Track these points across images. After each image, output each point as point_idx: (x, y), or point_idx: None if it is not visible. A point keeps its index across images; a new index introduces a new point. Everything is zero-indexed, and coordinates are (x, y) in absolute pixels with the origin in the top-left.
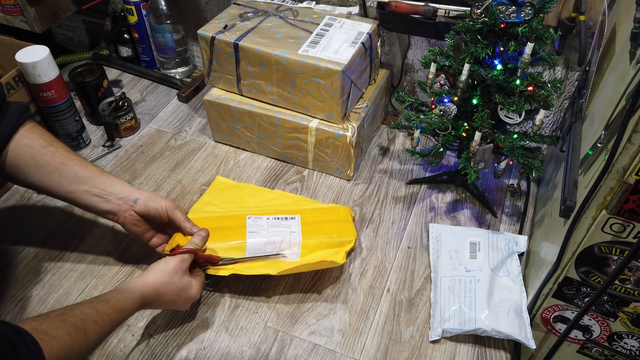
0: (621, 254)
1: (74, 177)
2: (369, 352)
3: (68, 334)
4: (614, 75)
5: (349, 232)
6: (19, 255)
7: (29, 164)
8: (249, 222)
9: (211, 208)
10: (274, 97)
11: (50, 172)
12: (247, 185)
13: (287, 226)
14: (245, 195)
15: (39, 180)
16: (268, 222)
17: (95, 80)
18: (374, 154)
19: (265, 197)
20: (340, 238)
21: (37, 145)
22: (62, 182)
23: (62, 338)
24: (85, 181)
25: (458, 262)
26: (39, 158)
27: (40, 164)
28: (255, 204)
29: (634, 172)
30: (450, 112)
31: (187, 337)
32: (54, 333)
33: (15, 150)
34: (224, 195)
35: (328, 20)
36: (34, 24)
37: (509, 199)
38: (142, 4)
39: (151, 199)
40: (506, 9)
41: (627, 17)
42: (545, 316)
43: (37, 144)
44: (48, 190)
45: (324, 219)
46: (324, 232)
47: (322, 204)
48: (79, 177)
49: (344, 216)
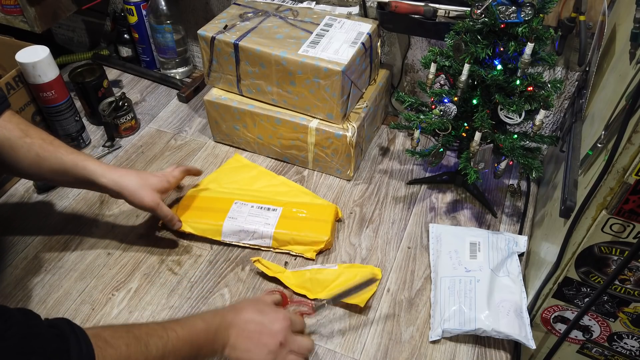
0: (621, 254)
1: (51, 171)
2: (369, 352)
3: (127, 345)
4: (614, 75)
5: (323, 232)
6: (19, 256)
7: (10, 156)
8: (234, 207)
9: (213, 186)
10: (274, 97)
11: (29, 165)
12: (257, 166)
13: (266, 217)
14: (252, 177)
15: (20, 171)
16: (251, 210)
17: (96, 81)
18: (374, 154)
19: (270, 182)
20: (312, 237)
21: (14, 136)
22: (44, 172)
23: (119, 348)
24: (64, 173)
25: (458, 262)
26: (18, 150)
27: (18, 156)
28: (257, 187)
29: (634, 172)
30: (450, 112)
31: None
32: (113, 342)
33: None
34: (232, 175)
35: (328, 20)
36: (34, 24)
37: (509, 199)
38: (142, 4)
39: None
40: (506, 9)
41: (627, 17)
42: (545, 316)
43: (14, 135)
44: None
45: (304, 215)
46: (297, 229)
47: (318, 198)
48: (56, 170)
49: (325, 216)
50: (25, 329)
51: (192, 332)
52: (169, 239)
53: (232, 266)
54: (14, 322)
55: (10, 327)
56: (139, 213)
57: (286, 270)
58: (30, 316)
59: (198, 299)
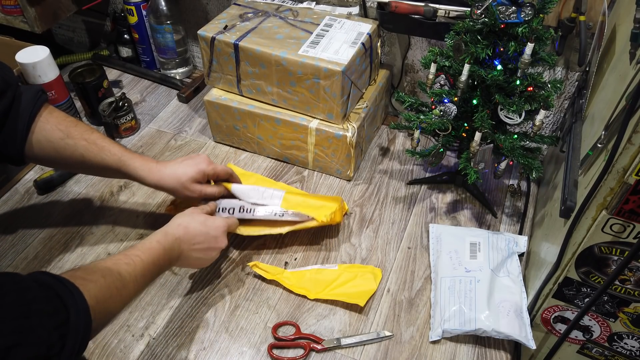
0: (621, 254)
1: (97, 169)
2: (369, 353)
3: (103, 277)
4: (614, 75)
5: (333, 201)
6: (19, 256)
7: (55, 157)
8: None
9: None
10: (274, 97)
11: (75, 164)
12: (254, 174)
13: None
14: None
15: (69, 168)
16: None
17: (96, 81)
18: (374, 154)
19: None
20: (324, 202)
21: (56, 138)
22: (89, 170)
23: (97, 281)
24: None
25: (458, 263)
26: (62, 152)
27: (63, 157)
28: None
29: (634, 172)
30: (450, 112)
31: (187, 338)
32: (90, 277)
33: (37, 144)
34: None
35: (328, 20)
36: (34, 24)
37: (509, 200)
38: (142, 5)
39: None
40: (506, 10)
41: (627, 18)
42: (545, 316)
43: (56, 136)
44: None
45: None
46: (307, 196)
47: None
48: (102, 169)
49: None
50: (16, 284)
51: (152, 254)
52: None
53: (232, 266)
54: (6, 290)
55: (4, 296)
56: (139, 213)
57: (285, 271)
58: (13, 275)
59: (198, 299)
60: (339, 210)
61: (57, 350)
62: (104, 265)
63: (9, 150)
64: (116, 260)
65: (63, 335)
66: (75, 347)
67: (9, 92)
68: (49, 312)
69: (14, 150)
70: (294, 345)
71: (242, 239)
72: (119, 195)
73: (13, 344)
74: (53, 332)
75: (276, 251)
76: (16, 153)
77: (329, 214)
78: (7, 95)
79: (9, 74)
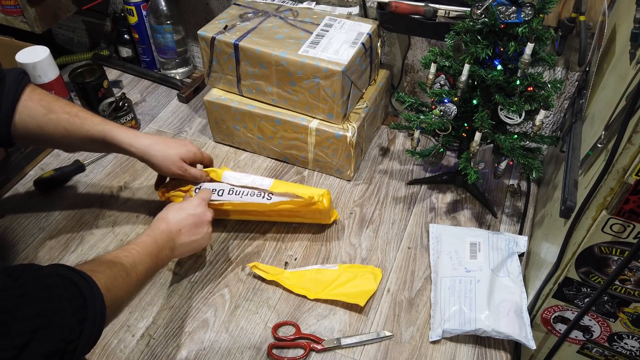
0: (621, 254)
1: (81, 141)
2: (369, 353)
3: (109, 268)
4: (614, 75)
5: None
6: (19, 256)
7: (39, 134)
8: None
9: None
10: (274, 97)
11: (59, 140)
12: None
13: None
14: None
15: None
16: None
17: (96, 81)
18: (374, 154)
19: None
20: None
21: (39, 114)
22: (73, 144)
23: (104, 271)
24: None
25: (458, 263)
26: (45, 128)
27: (47, 133)
28: None
29: (634, 172)
30: (450, 112)
31: (187, 338)
32: (97, 269)
33: (21, 122)
34: None
35: (328, 20)
36: (34, 24)
37: (509, 200)
38: (142, 5)
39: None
40: (506, 10)
41: (627, 18)
42: (545, 316)
43: (39, 113)
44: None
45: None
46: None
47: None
48: (86, 141)
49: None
50: (34, 272)
51: (145, 245)
52: None
53: (232, 266)
54: (27, 278)
55: (24, 283)
56: (139, 213)
57: (285, 271)
58: (31, 265)
59: (198, 299)
60: (328, 198)
61: (76, 335)
62: (107, 258)
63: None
64: (116, 254)
65: (82, 320)
66: (93, 333)
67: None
68: (67, 298)
69: (1, 131)
70: (294, 346)
71: (242, 239)
72: (119, 196)
73: (38, 327)
74: (72, 317)
75: (276, 251)
76: (3, 135)
77: (318, 195)
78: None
79: None
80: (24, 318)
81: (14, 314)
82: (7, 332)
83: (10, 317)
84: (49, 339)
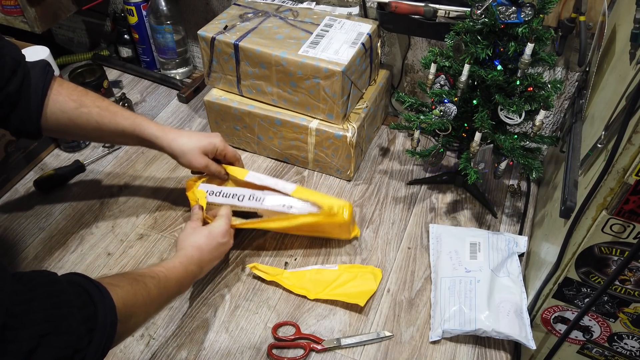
0: (621, 254)
1: (111, 135)
2: (369, 353)
3: (129, 284)
4: (614, 75)
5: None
6: (19, 256)
7: (70, 127)
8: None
9: None
10: (274, 97)
11: (91, 132)
12: None
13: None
14: None
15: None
16: None
17: (96, 81)
18: (374, 154)
19: None
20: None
21: (70, 108)
22: (104, 137)
23: (124, 287)
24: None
25: (458, 263)
26: (76, 121)
27: (79, 126)
28: None
29: (634, 172)
30: (450, 112)
31: (187, 338)
32: (117, 283)
33: (52, 116)
34: None
35: (328, 20)
36: (34, 24)
37: (509, 200)
38: (142, 5)
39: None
40: (506, 10)
41: (627, 18)
42: (545, 317)
43: (70, 107)
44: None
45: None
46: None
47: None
48: (117, 135)
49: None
50: (44, 278)
51: (174, 272)
52: (169, 239)
53: (232, 266)
54: (36, 283)
55: (33, 289)
56: (138, 213)
57: (285, 271)
58: (46, 274)
59: (198, 299)
60: (350, 211)
61: (84, 344)
62: (130, 275)
63: (26, 127)
64: (141, 272)
65: (91, 329)
66: (102, 343)
67: (19, 70)
68: (77, 306)
69: (32, 126)
70: (294, 346)
71: (242, 239)
72: (119, 195)
73: (46, 332)
74: (81, 325)
75: (276, 251)
76: (34, 128)
77: (337, 207)
78: (18, 73)
79: (17, 52)
80: (32, 323)
81: (22, 319)
82: (15, 337)
83: (18, 322)
84: (56, 345)
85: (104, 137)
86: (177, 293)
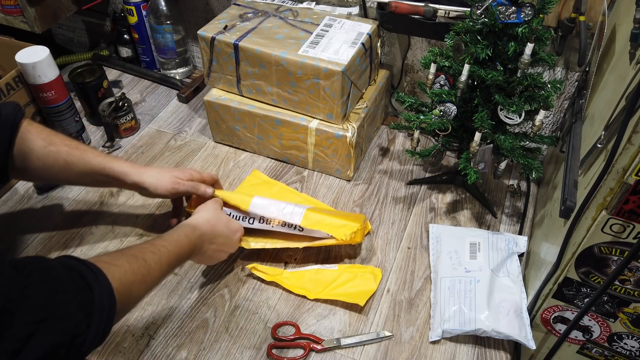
0: (621, 254)
1: (79, 175)
2: (369, 353)
3: (128, 262)
4: (613, 75)
5: (356, 220)
6: (18, 256)
7: (38, 166)
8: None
9: None
10: (274, 97)
11: (59, 172)
12: (277, 183)
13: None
14: (273, 194)
15: (51, 178)
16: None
17: (95, 81)
18: (374, 154)
19: (292, 199)
20: (346, 221)
21: (39, 147)
22: (72, 178)
23: (122, 265)
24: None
25: (458, 263)
26: (45, 160)
27: (47, 165)
28: None
29: (634, 172)
30: (450, 112)
31: (187, 338)
32: (114, 262)
33: (19, 155)
34: (252, 191)
35: (328, 20)
36: (34, 24)
37: (509, 200)
38: (142, 5)
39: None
40: (506, 10)
41: (627, 18)
42: (545, 317)
43: (38, 145)
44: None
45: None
46: (328, 214)
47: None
48: (85, 174)
49: (355, 217)
50: (39, 264)
51: (178, 245)
52: None
53: (232, 266)
54: (31, 269)
55: (29, 275)
56: (138, 213)
57: (285, 271)
58: (36, 257)
59: (198, 299)
60: (360, 231)
61: (83, 329)
62: (129, 252)
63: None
64: (142, 248)
65: (88, 314)
66: (101, 327)
67: None
68: (73, 291)
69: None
70: (293, 346)
71: None
72: (118, 196)
73: (42, 318)
74: (78, 310)
75: (276, 251)
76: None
77: (349, 234)
78: None
79: None
80: (28, 309)
81: (18, 305)
82: (12, 322)
83: (15, 306)
84: (53, 331)
85: (72, 177)
86: (177, 265)
